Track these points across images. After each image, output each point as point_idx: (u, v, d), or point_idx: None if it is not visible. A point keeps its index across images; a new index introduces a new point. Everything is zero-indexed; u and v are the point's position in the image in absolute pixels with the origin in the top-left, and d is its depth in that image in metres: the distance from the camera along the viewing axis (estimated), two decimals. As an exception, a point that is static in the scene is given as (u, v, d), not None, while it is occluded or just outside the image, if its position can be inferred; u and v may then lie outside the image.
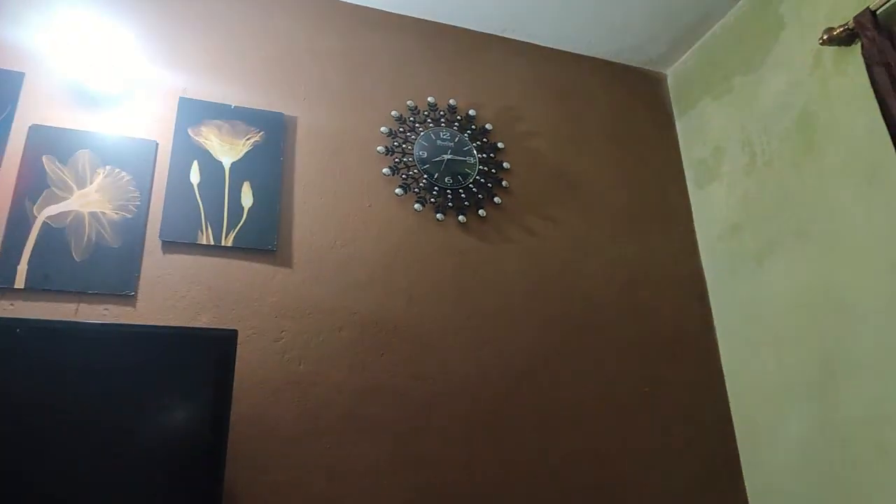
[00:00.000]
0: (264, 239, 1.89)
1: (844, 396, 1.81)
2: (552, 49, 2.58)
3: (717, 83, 2.42)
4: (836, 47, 1.92)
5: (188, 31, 2.07)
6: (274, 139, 2.02)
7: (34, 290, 1.61)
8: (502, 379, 1.99)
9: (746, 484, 2.10)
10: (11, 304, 1.59)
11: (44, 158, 1.74)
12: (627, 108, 2.60)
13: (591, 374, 2.09)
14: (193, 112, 1.96)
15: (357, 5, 2.33)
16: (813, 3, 2.03)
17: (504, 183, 2.26)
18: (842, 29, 1.85)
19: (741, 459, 2.13)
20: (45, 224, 1.68)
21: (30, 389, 1.38)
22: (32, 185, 1.71)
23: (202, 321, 1.75)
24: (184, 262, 1.80)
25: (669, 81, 2.71)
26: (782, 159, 2.08)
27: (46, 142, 1.76)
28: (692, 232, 2.46)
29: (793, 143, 2.05)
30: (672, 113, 2.65)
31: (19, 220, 1.66)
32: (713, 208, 2.38)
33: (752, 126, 2.22)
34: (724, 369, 2.24)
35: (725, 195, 2.31)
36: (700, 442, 2.13)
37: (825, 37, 1.91)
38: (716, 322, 2.31)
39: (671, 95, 2.68)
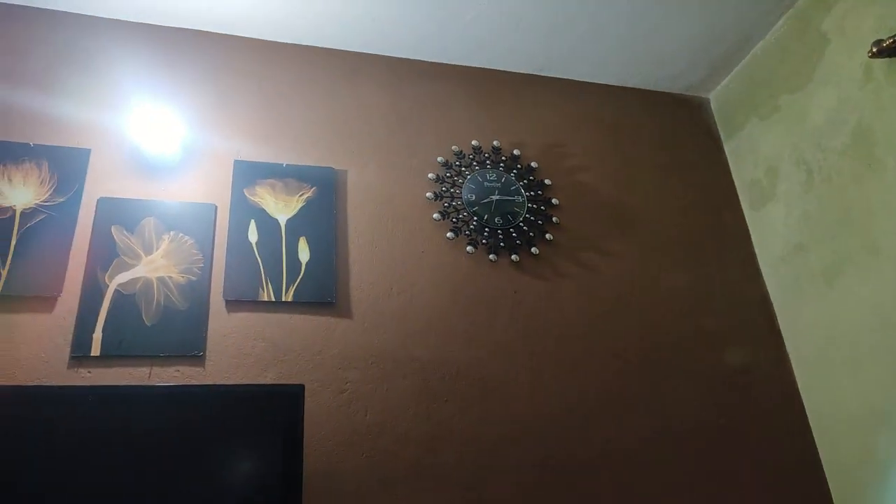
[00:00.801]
0: (323, 292, 1.92)
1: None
2: (591, 83, 2.60)
3: (763, 103, 2.39)
4: (886, 59, 1.89)
5: (238, 97, 2.15)
6: (326, 193, 2.06)
7: (109, 356, 1.67)
8: (570, 418, 1.95)
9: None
10: (89, 372, 1.64)
11: (112, 229, 1.82)
12: (672, 135, 2.59)
13: (661, 409, 2.03)
14: (248, 173, 2.03)
15: (394, 58, 2.40)
16: (858, 16, 2.00)
17: (554, 219, 2.25)
18: (892, 40, 1.82)
19: (832, 492, 2.01)
20: (116, 291, 1.74)
21: (107, 454, 1.41)
22: (103, 255, 1.78)
23: (268, 377, 1.77)
24: (247, 319, 1.83)
25: (713, 105, 2.69)
26: (842, 175, 2.03)
27: (114, 213, 1.85)
28: (752, 255, 2.39)
29: (851, 158, 2.00)
30: (719, 136, 2.62)
31: (93, 290, 1.73)
32: (772, 229, 2.32)
33: (805, 144, 2.17)
34: (803, 394, 2.15)
35: (784, 215, 2.26)
36: (785, 473, 2.03)
37: (874, 49, 1.87)
38: (788, 346, 2.22)
39: (716, 119, 2.66)
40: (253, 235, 1.94)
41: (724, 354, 2.17)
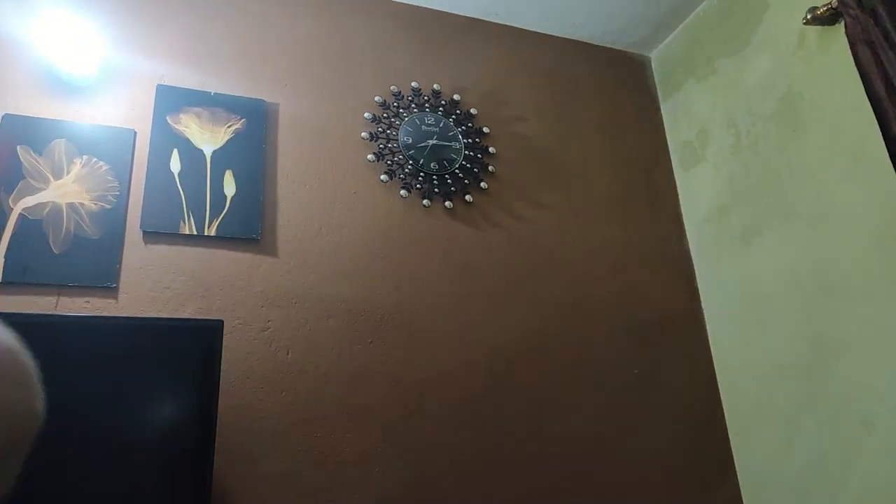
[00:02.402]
0: (248, 228, 1.85)
1: (833, 374, 1.82)
2: (537, 33, 2.56)
3: (701, 65, 2.42)
4: (819, 27, 1.92)
5: (165, 17, 2.02)
6: (256, 126, 1.98)
7: (13, 283, 1.57)
8: (492, 365, 1.98)
9: (736, 461, 2.11)
10: (-11, 299, 1.55)
11: (18, 149, 1.69)
12: (612, 92, 2.59)
13: (581, 358, 2.09)
14: (172, 99, 1.92)
15: (337, -11, 2.29)
16: (796, -18, 2.02)
17: (490, 168, 2.24)
18: (825, 8, 1.85)
19: (730, 438, 2.15)
20: (21, 216, 1.63)
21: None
22: (7, 176, 1.66)
23: (187, 312, 1.72)
24: (166, 252, 1.76)
25: (654, 64, 2.70)
26: (767, 140, 2.09)
27: (20, 131, 1.71)
28: (679, 214, 2.46)
29: (778, 124, 2.05)
30: (657, 96, 2.65)
31: (-6, 213, 1.61)
32: (699, 190, 2.38)
33: (737, 107, 2.22)
34: (713, 350, 2.26)
35: (711, 177, 2.32)
36: (690, 423, 2.14)
37: (809, 16, 1.91)
38: (703, 303, 2.32)
39: (656, 78, 2.68)
40: (175, 165, 1.85)
41: (643, 308, 2.24)
